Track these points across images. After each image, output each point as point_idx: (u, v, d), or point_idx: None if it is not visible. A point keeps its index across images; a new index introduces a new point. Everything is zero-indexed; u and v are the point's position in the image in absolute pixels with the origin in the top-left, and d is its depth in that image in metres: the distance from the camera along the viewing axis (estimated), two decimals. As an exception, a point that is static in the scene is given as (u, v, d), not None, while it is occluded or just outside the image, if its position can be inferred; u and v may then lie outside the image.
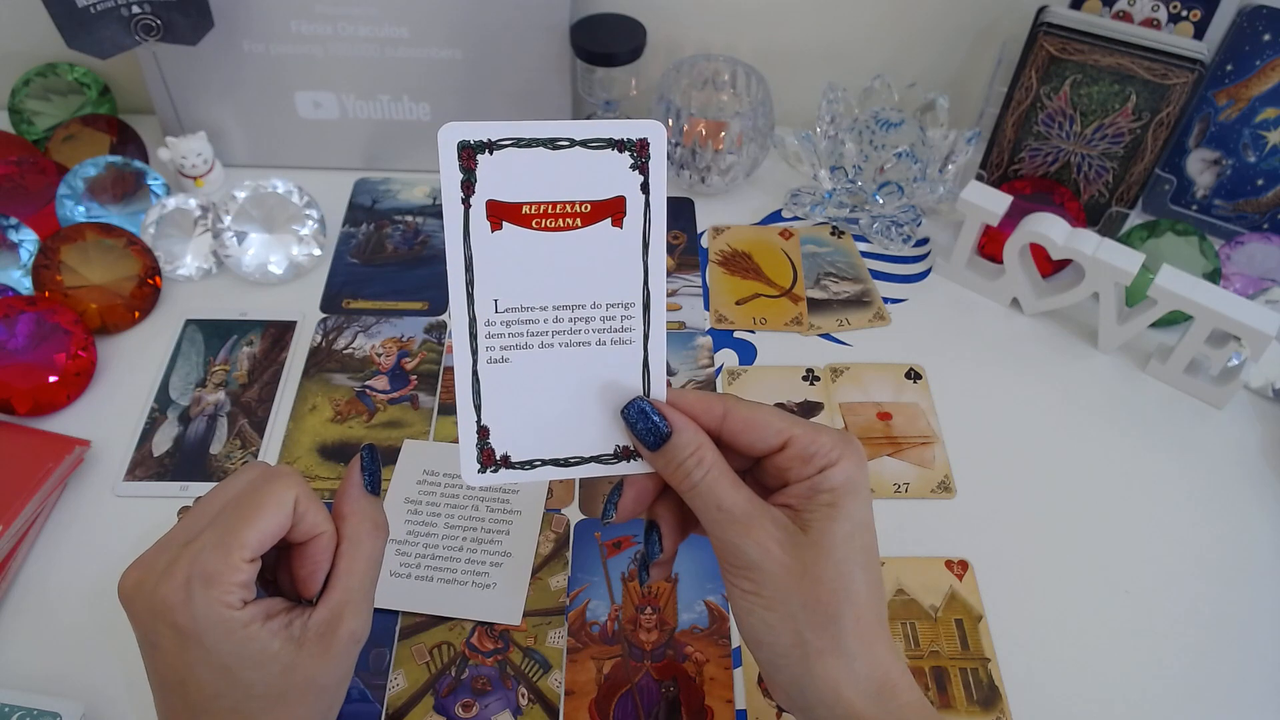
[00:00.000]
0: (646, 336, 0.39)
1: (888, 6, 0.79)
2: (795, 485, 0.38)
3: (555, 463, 0.40)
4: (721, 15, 0.80)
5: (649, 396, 0.40)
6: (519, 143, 0.36)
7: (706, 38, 0.82)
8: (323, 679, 0.37)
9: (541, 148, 0.36)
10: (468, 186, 0.36)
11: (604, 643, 0.53)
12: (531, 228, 0.37)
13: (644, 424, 0.38)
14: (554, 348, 0.38)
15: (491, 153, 0.36)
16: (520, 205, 0.37)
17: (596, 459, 0.40)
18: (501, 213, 0.37)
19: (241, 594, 0.36)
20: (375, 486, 0.41)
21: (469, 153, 0.36)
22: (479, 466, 0.39)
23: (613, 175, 0.37)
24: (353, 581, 0.38)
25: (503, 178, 0.36)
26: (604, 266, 0.38)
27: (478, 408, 0.39)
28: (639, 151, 0.37)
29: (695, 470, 0.37)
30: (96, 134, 0.77)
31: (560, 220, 0.37)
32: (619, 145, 0.37)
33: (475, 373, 0.38)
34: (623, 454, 0.40)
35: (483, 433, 0.39)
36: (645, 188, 0.37)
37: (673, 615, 0.55)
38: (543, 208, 0.37)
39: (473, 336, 0.38)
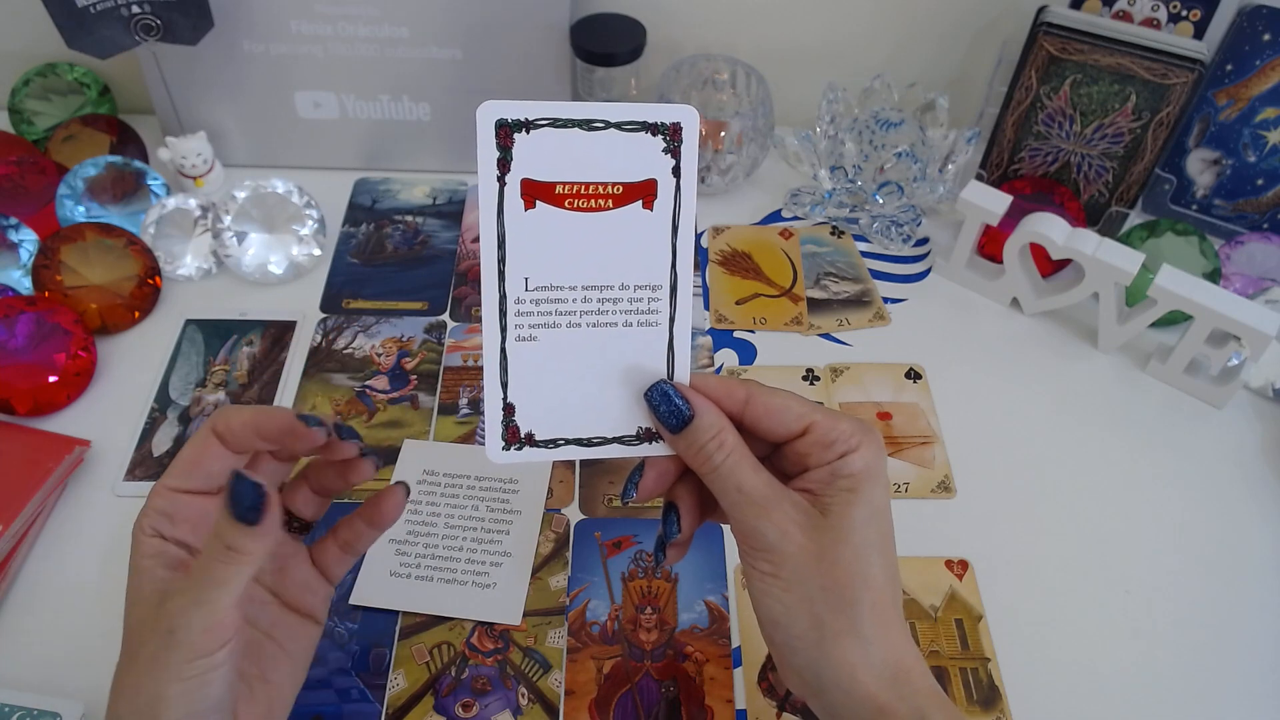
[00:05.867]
0: (673, 319, 0.39)
1: (888, 6, 0.79)
2: (815, 470, 0.38)
3: (578, 442, 0.40)
4: (721, 15, 0.80)
5: (673, 379, 0.40)
6: (555, 123, 0.36)
7: (706, 37, 0.82)
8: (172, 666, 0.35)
9: (577, 128, 0.36)
10: (503, 165, 0.36)
11: (604, 643, 0.53)
12: (564, 207, 0.37)
13: (666, 406, 0.39)
14: (581, 327, 0.39)
15: (528, 132, 0.36)
16: (554, 185, 0.37)
17: (619, 440, 0.40)
18: (535, 191, 0.37)
19: (155, 520, 0.38)
20: (247, 513, 0.34)
21: (506, 131, 0.36)
22: (503, 444, 0.39)
23: (645, 158, 0.37)
24: (194, 603, 0.35)
25: (538, 157, 0.36)
26: (633, 248, 0.38)
27: (504, 385, 0.39)
28: (672, 135, 0.37)
29: (716, 453, 0.38)
30: (96, 134, 0.77)
31: (592, 201, 0.37)
32: (653, 129, 0.37)
33: (503, 350, 0.38)
34: (645, 435, 0.40)
35: (508, 410, 0.39)
36: (677, 171, 0.38)
37: (673, 615, 0.54)
38: (576, 188, 0.37)
39: (502, 314, 0.38)
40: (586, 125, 0.36)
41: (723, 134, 0.74)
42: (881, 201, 0.76)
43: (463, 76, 0.75)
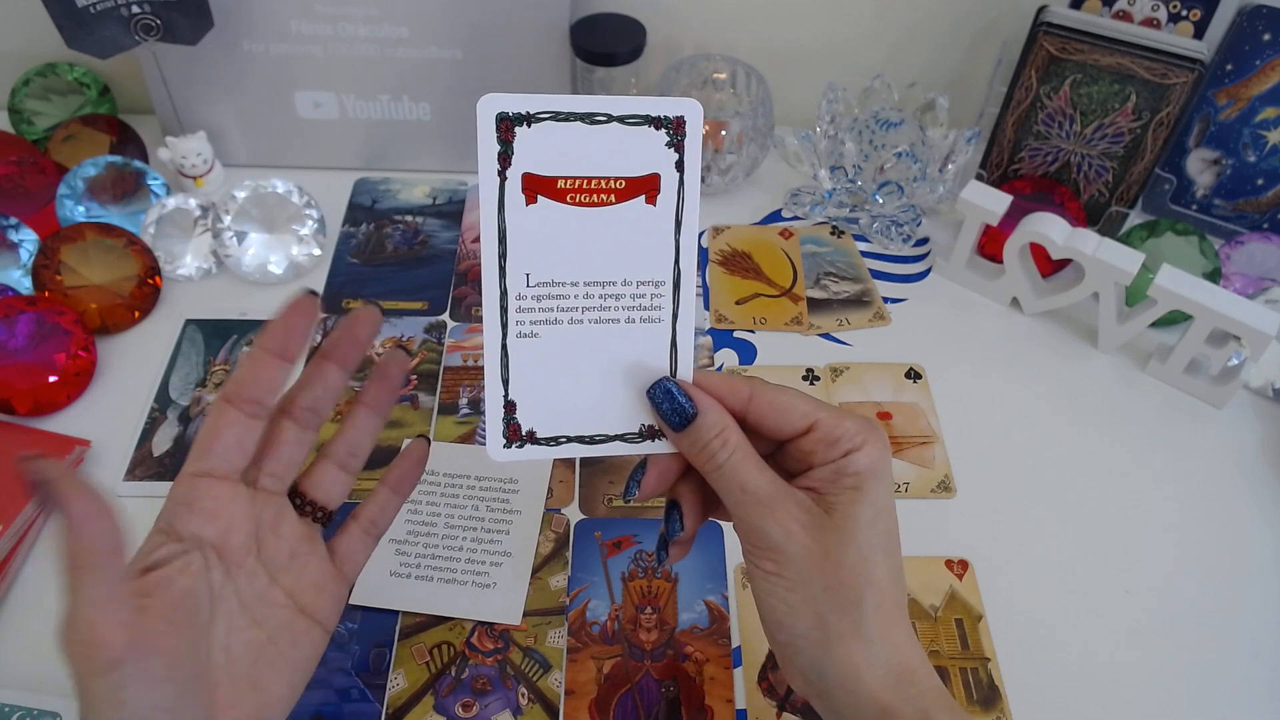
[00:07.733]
0: (675, 315, 0.39)
1: (888, 6, 0.79)
2: (819, 469, 0.38)
3: (580, 440, 0.40)
4: (721, 15, 0.80)
5: (675, 376, 0.39)
6: (557, 116, 0.36)
7: (706, 37, 0.82)
8: None
9: (579, 122, 0.36)
10: (504, 159, 0.36)
11: (604, 643, 0.53)
12: (566, 202, 0.37)
13: (669, 404, 0.38)
14: (583, 324, 0.38)
15: (529, 125, 0.36)
16: (556, 179, 0.37)
17: (622, 437, 0.40)
18: (537, 186, 0.37)
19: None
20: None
21: (507, 125, 0.36)
22: (505, 442, 0.39)
23: (648, 152, 0.37)
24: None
25: (539, 151, 0.36)
26: (636, 244, 0.38)
27: (505, 382, 0.38)
28: (675, 129, 0.37)
29: (720, 452, 0.37)
30: (96, 134, 0.77)
31: (595, 196, 0.37)
32: (655, 122, 0.37)
33: (504, 347, 0.38)
34: (648, 433, 0.40)
35: (509, 407, 0.39)
36: (680, 165, 0.38)
37: (673, 615, 0.54)
38: (578, 182, 0.37)
39: (503, 310, 0.38)
40: (589, 119, 0.36)
41: (723, 134, 0.74)
42: (881, 201, 0.76)
43: (463, 76, 0.75)
